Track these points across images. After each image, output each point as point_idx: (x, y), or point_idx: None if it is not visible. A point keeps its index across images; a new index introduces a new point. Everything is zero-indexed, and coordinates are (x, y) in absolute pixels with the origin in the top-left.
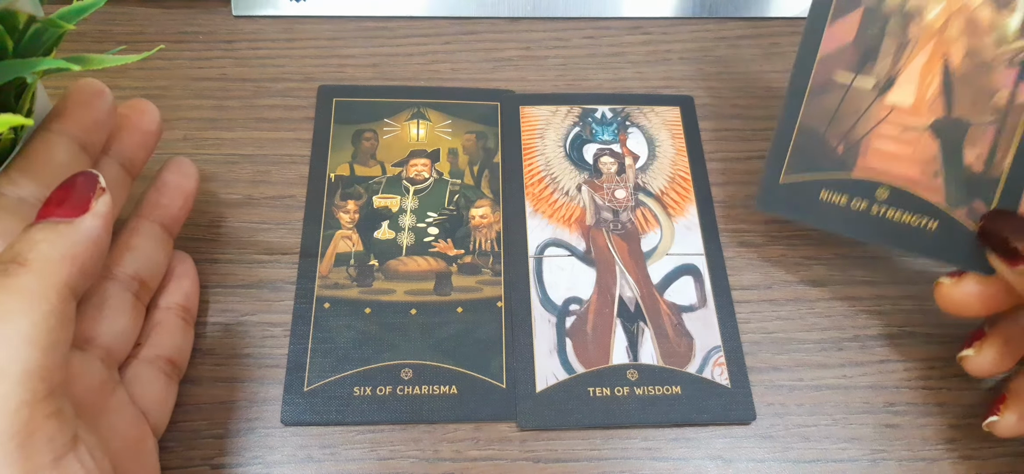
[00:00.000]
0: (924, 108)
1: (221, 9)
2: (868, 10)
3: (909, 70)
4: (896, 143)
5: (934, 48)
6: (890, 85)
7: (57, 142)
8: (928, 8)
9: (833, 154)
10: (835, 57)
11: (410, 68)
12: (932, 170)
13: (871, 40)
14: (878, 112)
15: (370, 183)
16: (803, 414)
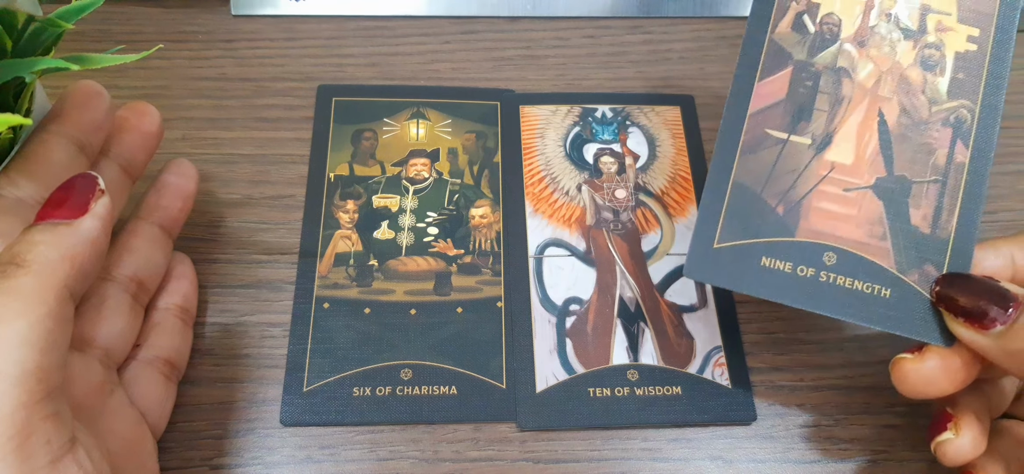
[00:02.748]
0: (864, 167)
1: (220, 8)
2: (798, 67)
3: (846, 128)
4: (840, 203)
5: (869, 106)
6: (828, 142)
7: (56, 143)
8: (859, 66)
9: (773, 216)
10: (767, 113)
11: (410, 68)
12: (879, 232)
13: (804, 97)
14: (818, 169)
15: (370, 183)
16: (804, 415)
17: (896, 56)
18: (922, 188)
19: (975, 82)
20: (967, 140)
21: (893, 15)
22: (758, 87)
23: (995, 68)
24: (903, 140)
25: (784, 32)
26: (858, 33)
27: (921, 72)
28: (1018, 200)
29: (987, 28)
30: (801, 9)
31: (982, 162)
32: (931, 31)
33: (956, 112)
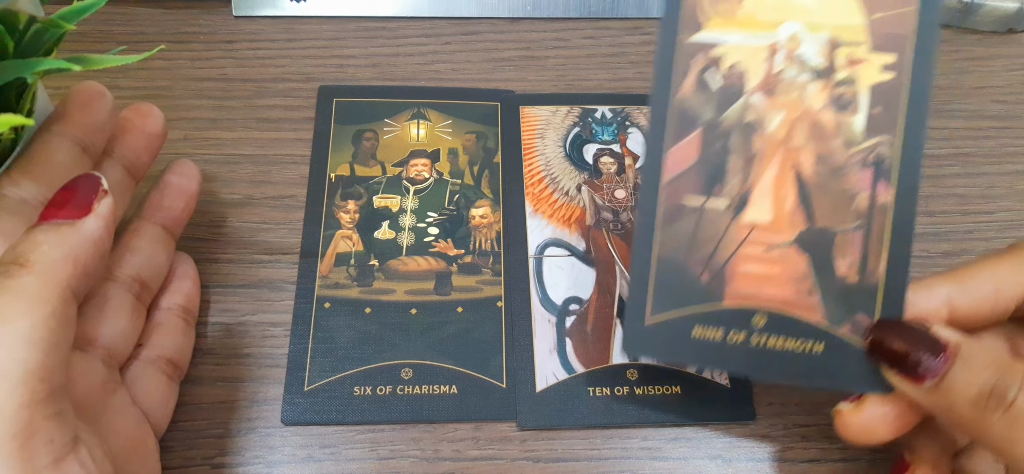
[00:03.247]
0: (784, 223)
1: (221, 9)
2: (707, 128)
3: (761, 185)
4: (763, 264)
5: (783, 159)
6: (744, 203)
7: (58, 144)
8: (768, 119)
9: (699, 285)
10: (681, 181)
11: (410, 68)
12: (806, 287)
13: (716, 159)
14: (737, 233)
15: (370, 183)
16: (803, 414)
17: (806, 101)
18: (846, 237)
19: (894, 114)
20: (889, 178)
21: (800, 56)
22: (669, 155)
23: (916, 94)
24: (821, 189)
25: (688, 93)
26: (765, 82)
27: (834, 114)
28: (1017, 200)
29: (904, 51)
30: (703, 65)
31: (908, 199)
32: (842, 67)
33: (875, 150)
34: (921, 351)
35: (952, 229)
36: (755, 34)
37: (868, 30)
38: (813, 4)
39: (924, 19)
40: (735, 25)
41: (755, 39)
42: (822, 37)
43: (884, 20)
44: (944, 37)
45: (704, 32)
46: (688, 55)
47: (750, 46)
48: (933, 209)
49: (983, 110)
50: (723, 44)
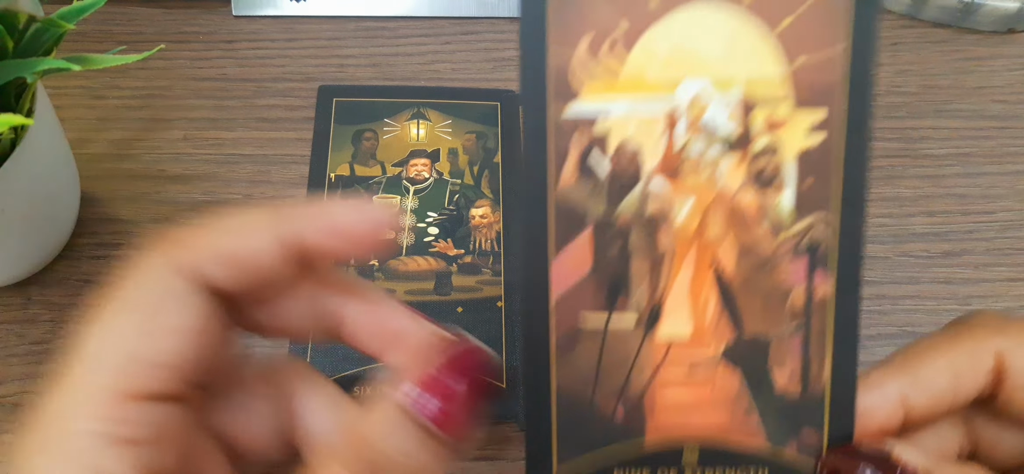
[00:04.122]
0: (708, 335)
1: (221, 9)
2: (599, 227)
3: (675, 292)
4: (688, 387)
5: (698, 257)
6: (656, 317)
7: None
8: (675, 208)
9: (613, 422)
10: (575, 296)
11: (410, 68)
12: (742, 408)
13: (615, 265)
14: (653, 354)
15: (370, 183)
16: None
17: (720, 181)
18: (782, 343)
19: (827, 184)
20: (827, 264)
21: (706, 124)
22: (555, 265)
23: (853, 156)
24: (748, 289)
25: (570, 184)
26: (665, 162)
27: (755, 193)
28: (1018, 200)
29: (835, 104)
30: (584, 147)
31: (850, 287)
32: (760, 132)
33: (808, 234)
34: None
35: (952, 229)
36: (647, 100)
37: (790, 81)
38: (718, 53)
39: (857, 59)
40: (620, 90)
41: (648, 106)
42: (733, 96)
43: (808, 67)
44: (944, 37)
45: (581, 103)
46: (564, 135)
47: (642, 117)
48: (933, 209)
49: (983, 110)
50: (607, 117)
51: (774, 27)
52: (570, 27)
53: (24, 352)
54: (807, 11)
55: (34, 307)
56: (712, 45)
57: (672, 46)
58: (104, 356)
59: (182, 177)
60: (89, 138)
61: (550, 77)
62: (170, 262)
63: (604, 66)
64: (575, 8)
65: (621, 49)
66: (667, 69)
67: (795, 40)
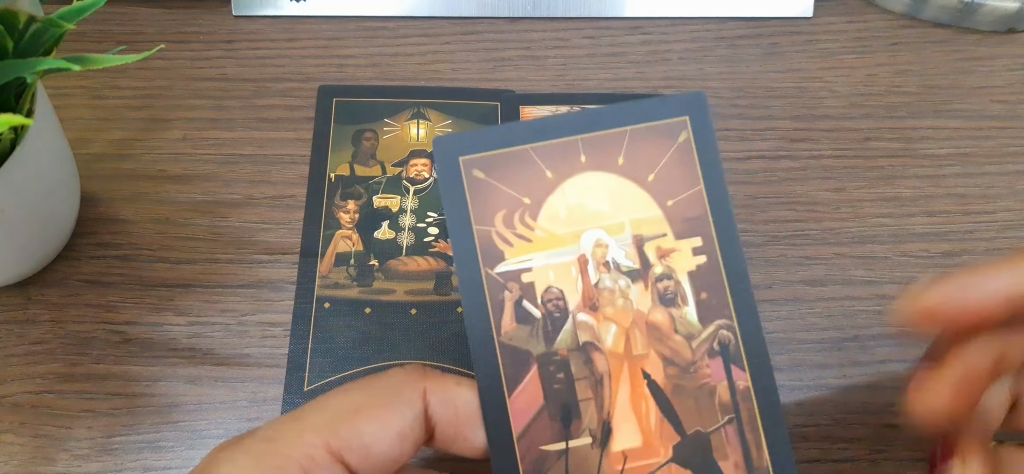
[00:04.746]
0: (656, 441)
1: (221, 9)
2: (542, 363)
3: (619, 407)
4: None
5: (631, 373)
6: (608, 433)
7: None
8: (603, 335)
9: None
10: (534, 429)
11: (410, 68)
12: None
13: (563, 394)
14: (612, 468)
15: (370, 183)
16: (803, 414)
17: (633, 305)
18: (721, 435)
19: (721, 295)
20: (740, 361)
21: (611, 262)
22: (511, 404)
23: (731, 270)
24: (680, 392)
25: (511, 330)
26: (586, 297)
27: (665, 311)
28: (1017, 200)
29: (707, 231)
30: (517, 296)
31: (764, 375)
32: (655, 261)
33: (716, 337)
34: None
35: (952, 229)
36: (559, 251)
37: (666, 219)
38: (606, 206)
39: (711, 194)
40: (537, 247)
41: (561, 256)
42: (626, 237)
43: (678, 205)
44: (944, 37)
45: (507, 261)
46: (498, 288)
47: (558, 264)
48: (933, 209)
49: (983, 110)
50: (531, 268)
51: (643, 181)
52: (486, 209)
53: (24, 352)
54: (664, 166)
55: (34, 307)
56: (600, 202)
57: (569, 207)
58: (336, 417)
59: (182, 177)
60: (89, 138)
61: (479, 245)
62: (415, 379)
63: (521, 230)
64: (488, 194)
65: (529, 218)
66: (569, 225)
67: (662, 188)
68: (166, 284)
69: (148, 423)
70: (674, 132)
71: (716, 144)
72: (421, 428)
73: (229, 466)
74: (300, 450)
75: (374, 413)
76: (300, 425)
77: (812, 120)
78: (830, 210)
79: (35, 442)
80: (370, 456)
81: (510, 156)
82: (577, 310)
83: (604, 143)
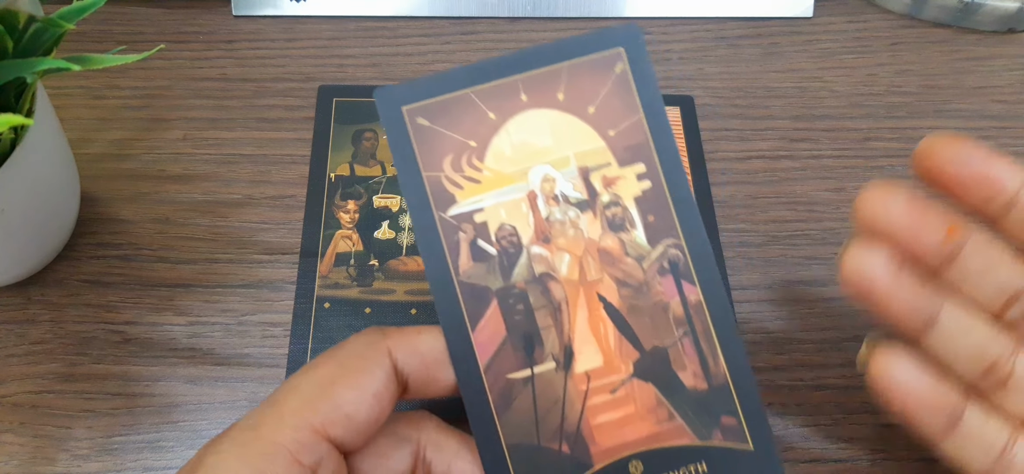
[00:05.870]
0: (616, 359)
1: (221, 9)
2: (501, 296)
3: (579, 331)
4: (614, 409)
5: (588, 298)
6: (570, 356)
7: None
8: (558, 264)
9: (562, 458)
10: (499, 360)
11: (410, 68)
12: (664, 415)
13: (524, 324)
14: (577, 389)
15: (370, 183)
16: (803, 414)
17: (584, 234)
18: (677, 348)
19: (667, 216)
20: (690, 276)
21: (560, 194)
22: (475, 338)
23: (676, 193)
24: (635, 311)
25: (468, 268)
26: (538, 231)
27: (615, 236)
28: None
29: (649, 157)
30: (471, 237)
31: (714, 288)
32: (602, 190)
33: (665, 255)
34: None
35: None
36: (509, 189)
37: (609, 149)
38: (550, 141)
39: (652, 122)
40: (486, 187)
41: (511, 193)
42: (571, 169)
43: (619, 135)
44: (944, 37)
45: (459, 204)
46: (452, 231)
47: (509, 201)
48: None
49: (983, 110)
50: (482, 208)
51: (584, 113)
52: (433, 155)
53: (24, 352)
54: (604, 98)
55: (34, 307)
56: (544, 137)
57: (514, 146)
58: (313, 394)
59: (182, 177)
60: (89, 138)
61: (429, 193)
62: (377, 340)
63: (469, 173)
64: (434, 140)
65: (476, 160)
66: (515, 163)
67: (603, 119)
68: (166, 284)
69: (148, 423)
70: (610, 64)
71: (652, 72)
72: (394, 383)
73: (215, 458)
74: (285, 435)
75: (348, 381)
76: (280, 409)
77: (812, 120)
78: (830, 210)
79: (35, 442)
80: (353, 423)
81: (452, 101)
82: (530, 244)
83: (543, 80)
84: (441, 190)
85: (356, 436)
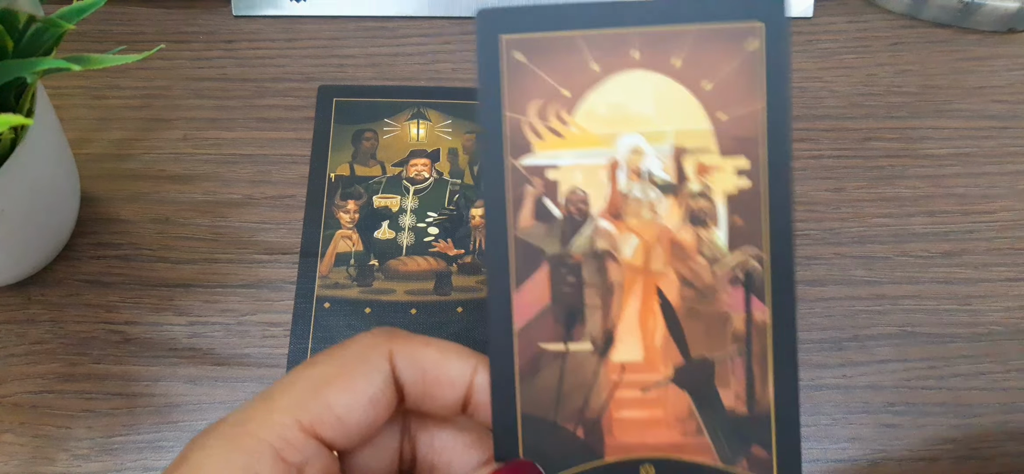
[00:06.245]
0: (658, 359)
1: (221, 9)
2: (555, 263)
3: (626, 320)
4: (642, 408)
5: (644, 288)
6: (610, 342)
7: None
8: (622, 246)
9: (574, 442)
10: (536, 326)
11: (410, 68)
12: (693, 428)
13: (570, 297)
14: (608, 377)
15: (370, 183)
16: (803, 414)
17: (660, 221)
18: (726, 364)
19: (757, 224)
20: (762, 294)
21: (645, 171)
22: (516, 298)
23: (776, 200)
24: (692, 315)
25: (528, 225)
26: (611, 205)
27: (693, 230)
28: (1018, 200)
29: (757, 155)
30: (539, 193)
31: (785, 314)
32: (692, 177)
33: (743, 265)
34: None
35: (952, 229)
36: (591, 152)
37: (714, 135)
38: (651, 110)
39: (772, 116)
40: (568, 144)
41: (592, 157)
42: (666, 147)
43: (731, 122)
44: (945, 37)
45: (535, 155)
46: (520, 181)
47: (588, 165)
48: (933, 209)
49: (983, 110)
50: (558, 166)
51: (697, 88)
52: (522, 96)
53: (24, 352)
54: (727, 76)
55: (34, 307)
56: (645, 105)
57: (610, 106)
58: (305, 392)
59: (182, 177)
60: (89, 138)
61: (506, 136)
62: (381, 342)
63: (554, 124)
64: (526, 80)
65: (565, 112)
66: (606, 125)
67: (717, 100)
68: (166, 284)
69: (148, 423)
70: (742, 37)
71: (789, 59)
72: (392, 391)
73: (200, 454)
74: (271, 431)
75: (343, 383)
76: (269, 405)
77: (812, 120)
78: (830, 210)
79: (35, 442)
80: (343, 426)
81: (556, 41)
82: (599, 216)
83: (662, 40)
84: (520, 136)
85: (348, 438)
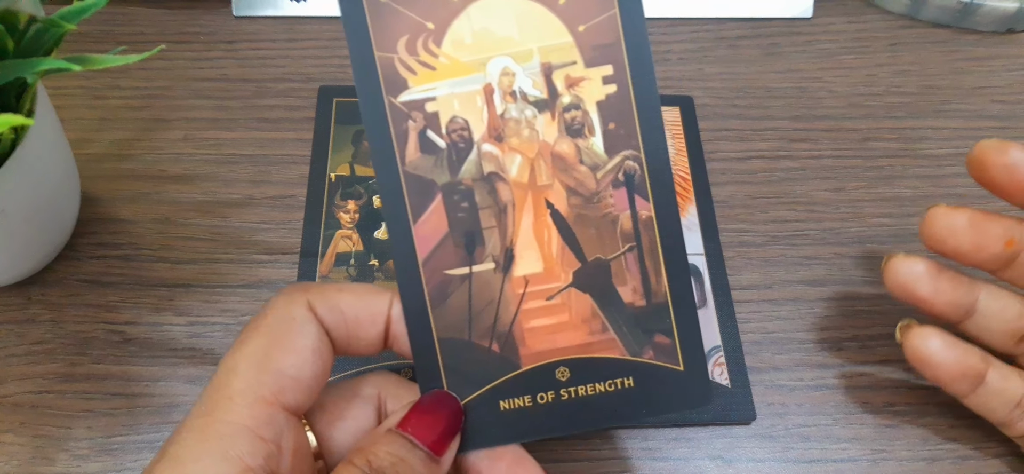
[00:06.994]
0: (557, 267)
1: (222, 9)
2: (447, 191)
3: (522, 235)
4: (549, 315)
5: (535, 203)
6: (511, 259)
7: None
8: (508, 165)
9: (491, 357)
10: (438, 255)
11: None
12: (598, 326)
13: (467, 222)
14: (513, 292)
15: (370, 183)
16: (803, 414)
17: (539, 136)
18: (620, 263)
19: (630, 126)
20: (644, 191)
21: (518, 91)
22: (416, 230)
23: (643, 101)
24: (582, 222)
25: (415, 159)
26: (491, 128)
27: (571, 141)
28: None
29: (619, 60)
30: (421, 126)
31: (667, 205)
32: (563, 90)
33: (622, 167)
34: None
35: None
36: (465, 80)
37: (576, 46)
38: (514, 31)
39: (627, 20)
40: (441, 75)
41: (467, 85)
42: (533, 65)
43: (589, 31)
44: (944, 37)
45: (411, 90)
46: (401, 118)
47: (464, 93)
48: None
49: (983, 110)
50: (435, 98)
51: (553, 4)
52: (388, 34)
53: (24, 352)
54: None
55: (34, 307)
56: (507, 26)
57: (474, 33)
58: (254, 370)
59: (182, 177)
60: (89, 138)
61: (382, 71)
62: (297, 297)
63: (424, 57)
64: (390, 18)
65: (433, 44)
66: (475, 52)
67: (573, 12)
68: (166, 284)
69: (148, 423)
70: None
71: None
72: (325, 336)
73: (176, 448)
74: (240, 413)
75: (282, 347)
76: (226, 392)
77: (812, 120)
78: (830, 210)
79: (35, 442)
80: (301, 385)
81: None
82: (482, 141)
83: None
84: (393, 73)
85: (308, 395)
